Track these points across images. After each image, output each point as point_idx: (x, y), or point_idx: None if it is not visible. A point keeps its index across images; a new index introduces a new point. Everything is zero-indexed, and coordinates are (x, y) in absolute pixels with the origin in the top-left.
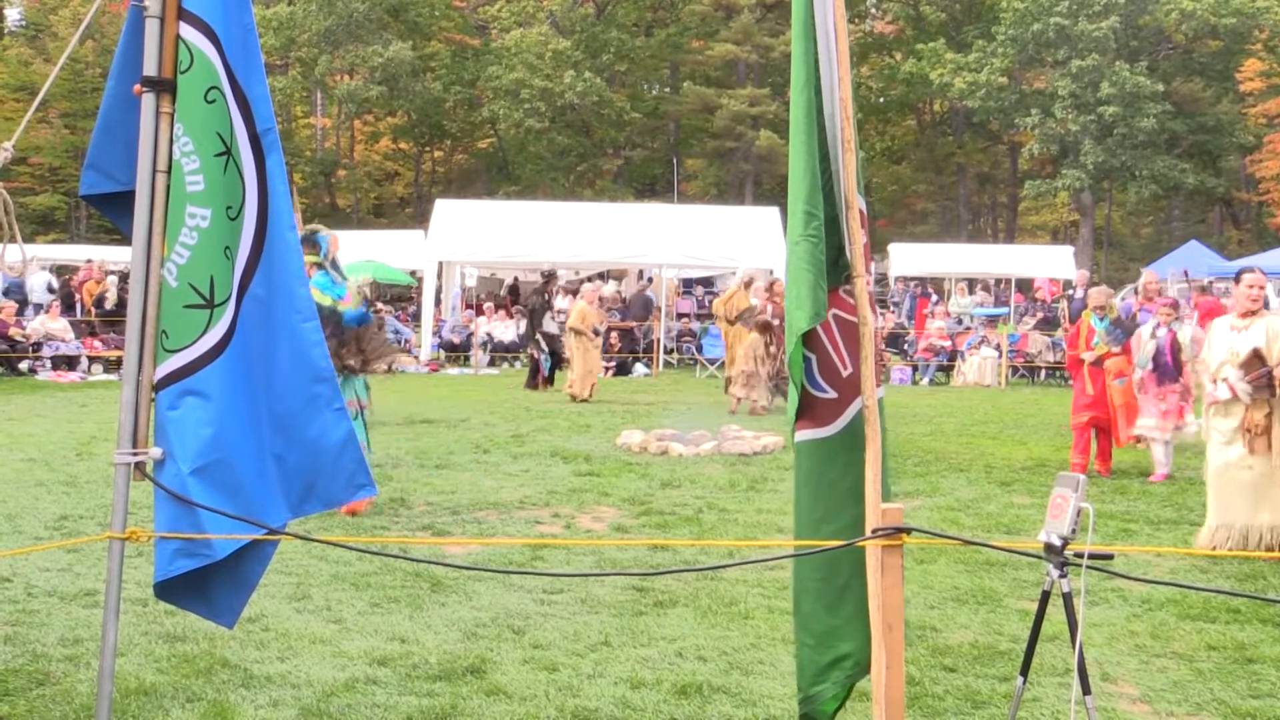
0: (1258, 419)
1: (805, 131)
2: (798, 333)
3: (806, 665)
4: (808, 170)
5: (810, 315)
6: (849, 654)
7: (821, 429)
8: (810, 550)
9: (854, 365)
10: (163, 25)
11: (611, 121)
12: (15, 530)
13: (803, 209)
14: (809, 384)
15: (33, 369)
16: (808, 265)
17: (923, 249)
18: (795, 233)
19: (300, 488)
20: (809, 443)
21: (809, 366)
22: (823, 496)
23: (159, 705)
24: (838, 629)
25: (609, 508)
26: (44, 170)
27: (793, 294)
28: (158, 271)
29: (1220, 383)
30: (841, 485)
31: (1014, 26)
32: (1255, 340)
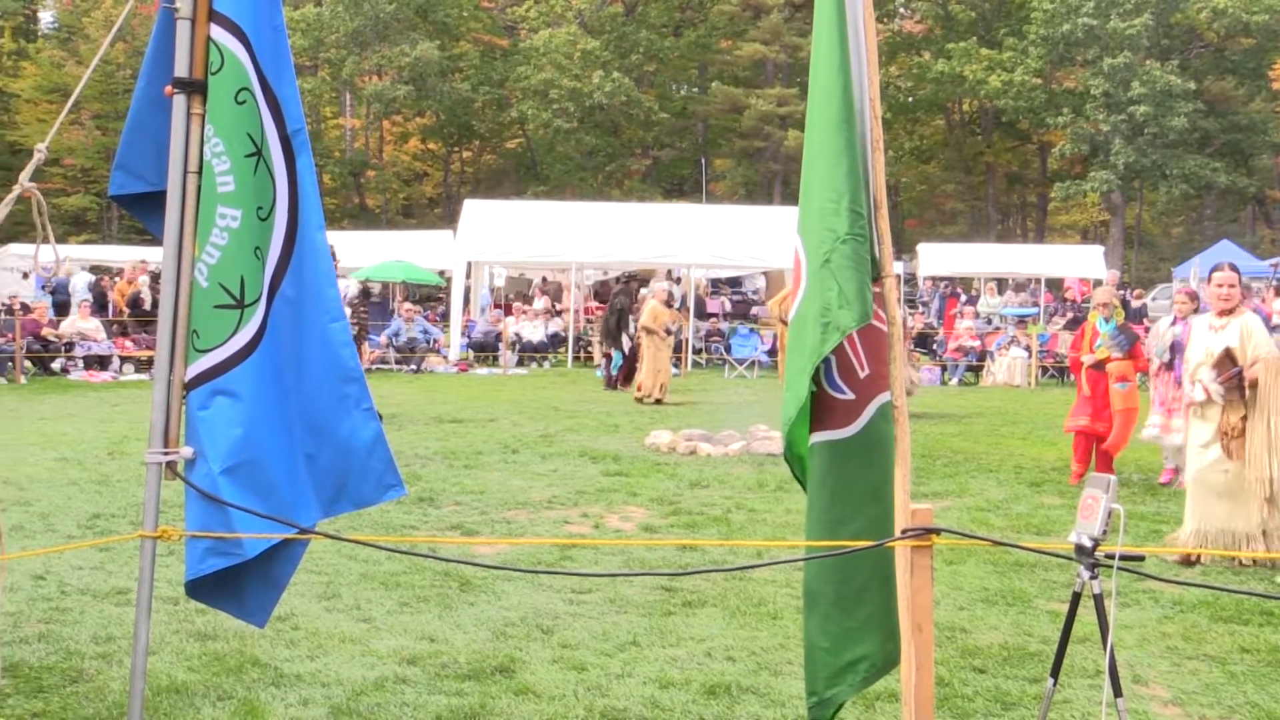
0: (1233, 421)
1: (846, 130)
2: (844, 333)
3: (821, 667)
4: (851, 170)
5: (858, 315)
6: (865, 656)
7: (839, 430)
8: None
9: (871, 367)
10: (194, 27)
11: (640, 121)
12: (49, 529)
13: (848, 207)
14: (828, 385)
15: (65, 369)
16: (855, 265)
17: (951, 249)
18: (839, 231)
19: (332, 487)
20: (826, 444)
21: (828, 367)
22: (840, 498)
23: (190, 703)
24: (855, 631)
25: (637, 508)
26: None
27: (835, 292)
28: (189, 272)
29: (1196, 384)
30: (859, 486)
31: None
32: (1229, 340)
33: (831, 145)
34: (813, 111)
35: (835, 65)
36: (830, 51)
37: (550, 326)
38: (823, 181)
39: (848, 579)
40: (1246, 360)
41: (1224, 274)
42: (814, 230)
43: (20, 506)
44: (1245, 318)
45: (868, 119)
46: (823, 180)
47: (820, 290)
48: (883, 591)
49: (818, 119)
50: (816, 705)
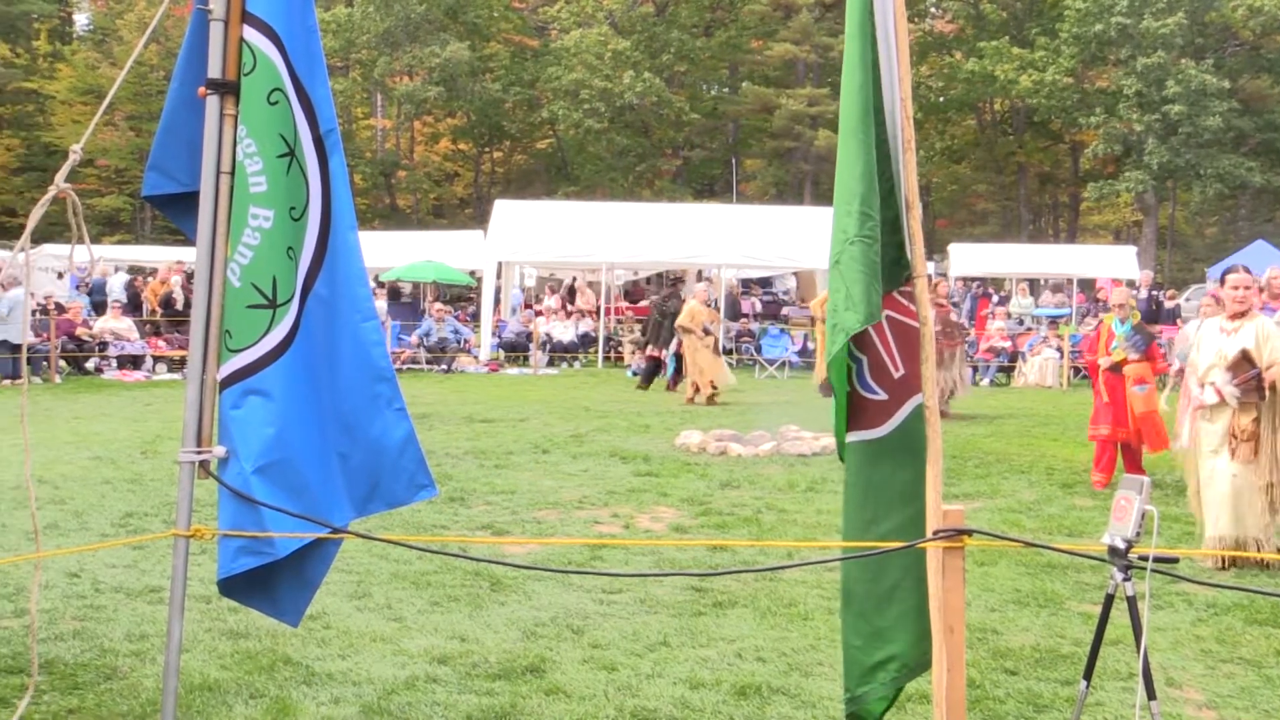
0: (1244, 424)
1: (862, 132)
2: (848, 334)
3: (853, 666)
4: (865, 171)
5: (863, 317)
6: (895, 656)
7: (872, 430)
8: (869, 552)
9: (907, 367)
10: (226, 28)
11: (670, 122)
12: (83, 527)
13: (858, 209)
14: (859, 385)
15: (99, 368)
16: (862, 266)
17: (983, 249)
18: (849, 232)
19: (364, 487)
20: (859, 444)
21: (859, 368)
22: (872, 498)
23: (222, 701)
24: (885, 630)
25: (668, 508)
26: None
27: (842, 294)
28: (222, 272)
29: (1207, 387)
30: (891, 486)
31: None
32: (1244, 342)
33: (848, 147)
34: (842, 111)
35: (855, 65)
36: (855, 52)
37: (580, 327)
38: (841, 184)
39: (879, 579)
40: (1263, 362)
41: (1239, 276)
42: (833, 232)
43: (55, 505)
44: (1259, 320)
45: (899, 119)
46: (841, 182)
47: (832, 292)
48: (915, 592)
49: (842, 121)
50: (849, 701)
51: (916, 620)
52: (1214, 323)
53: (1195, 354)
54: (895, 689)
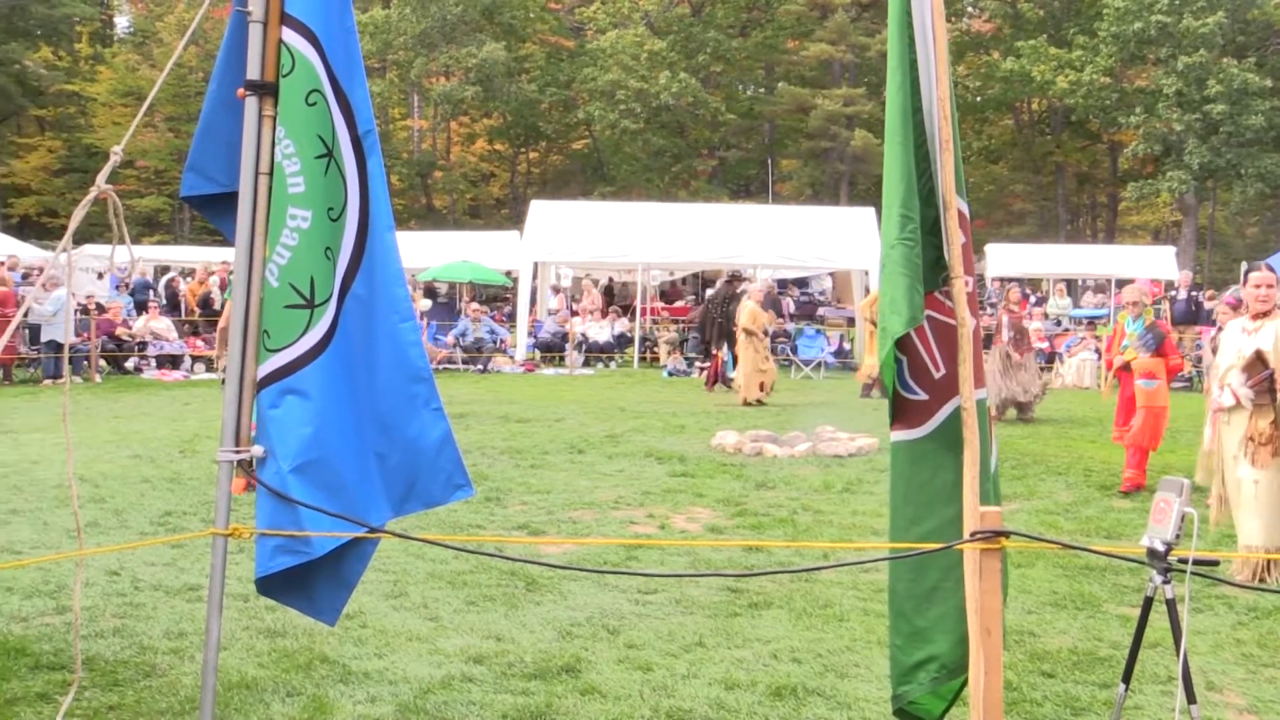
0: (1262, 427)
1: (901, 133)
2: (893, 337)
3: (894, 665)
4: (904, 173)
5: (906, 320)
6: (935, 656)
7: (913, 430)
8: (906, 553)
9: (947, 367)
10: (265, 29)
11: (706, 122)
12: (122, 525)
13: (898, 212)
14: (900, 386)
15: (138, 368)
16: (904, 269)
17: (1020, 249)
18: (890, 236)
19: (402, 486)
20: (900, 444)
21: (900, 368)
22: (913, 498)
23: (260, 699)
24: (925, 631)
25: (703, 508)
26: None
27: (887, 298)
28: (260, 272)
29: (1225, 389)
30: (932, 487)
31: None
32: (1263, 342)
33: (890, 149)
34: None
35: (895, 66)
36: (895, 53)
37: (616, 327)
38: (886, 187)
39: (919, 579)
40: (1276, 362)
41: (1261, 274)
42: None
43: (95, 503)
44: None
45: (936, 119)
46: (886, 185)
47: (880, 296)
48: (955, 594)
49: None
50: (893, 699)
51: (958, 621)
52: (1237, 323)
53: (1220, 354)
54: (939, 689)
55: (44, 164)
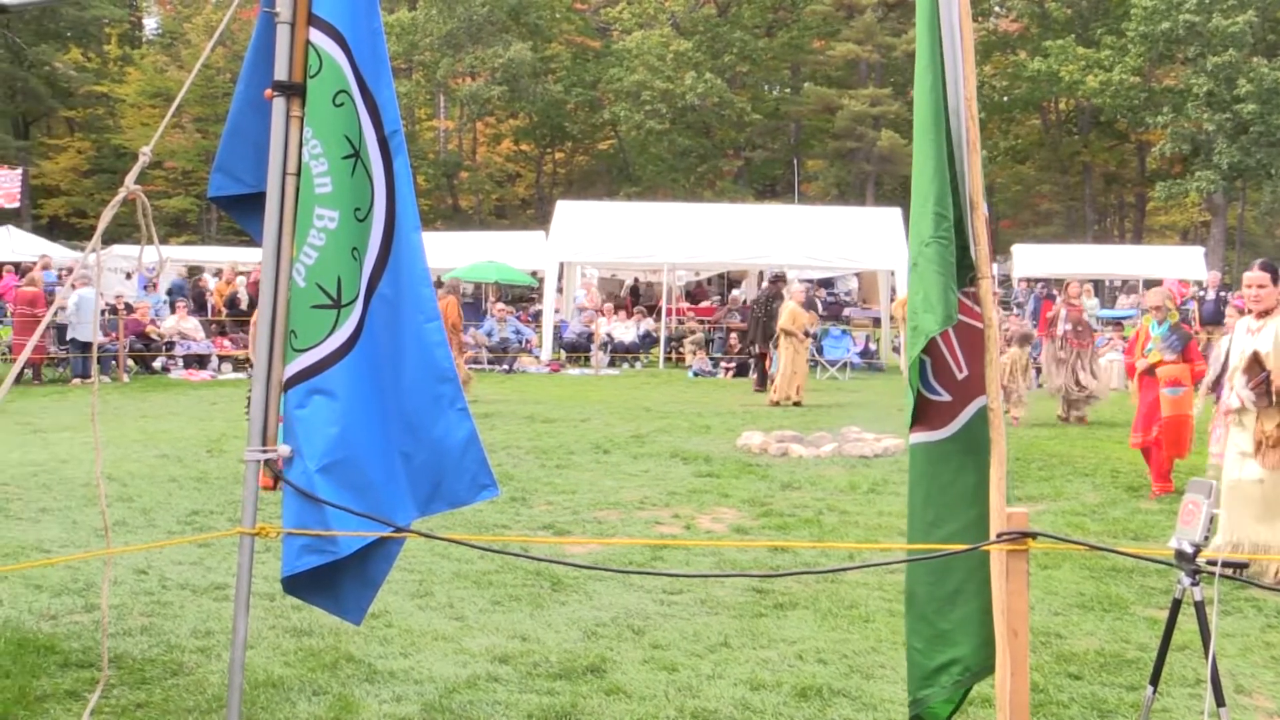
0: (1268, 430)
1: (933, 132)
2: (927, 336)
3: (914, 669)
4: (937, 171)
5: (942, 318)
6: (958, 659)
7: (935, 432)
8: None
9: (970, 368)
10: (293, 30)
11: (732, 123)
12: (150, 524)
13: (933, 210)
14: (923, 386)
15: (166, 367)
16: (938, 268)
17: (1047, 250)
18: (924, 234)
19: (427, 486)
20: (922, 446)
21: (923, 369)
22: (934, 500)
23: (286, 698)
24: (947, 633)
25: (729, 509)
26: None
27: (920, 296)
28: (287, 272)
29: (1232, 391)
30: (954, 489)
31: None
32: (1262, 343)
33: (922, 148)
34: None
35: (925, 65)
36: (925, 52)
37: (642, 327)
38: (916, 185)
39: (942, 582)
40: (1273, 364)
41: (1253, 274)
42: (910, 234)
43: (123, 502)
44: None
45: (963, 119)
46: (916, 183)
47: (911, 294)
48: (979, 596)
49: (916, 122)
50: (912, 704)
51: (980, 624)
52: (1244, 323)
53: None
54: (958, 692)
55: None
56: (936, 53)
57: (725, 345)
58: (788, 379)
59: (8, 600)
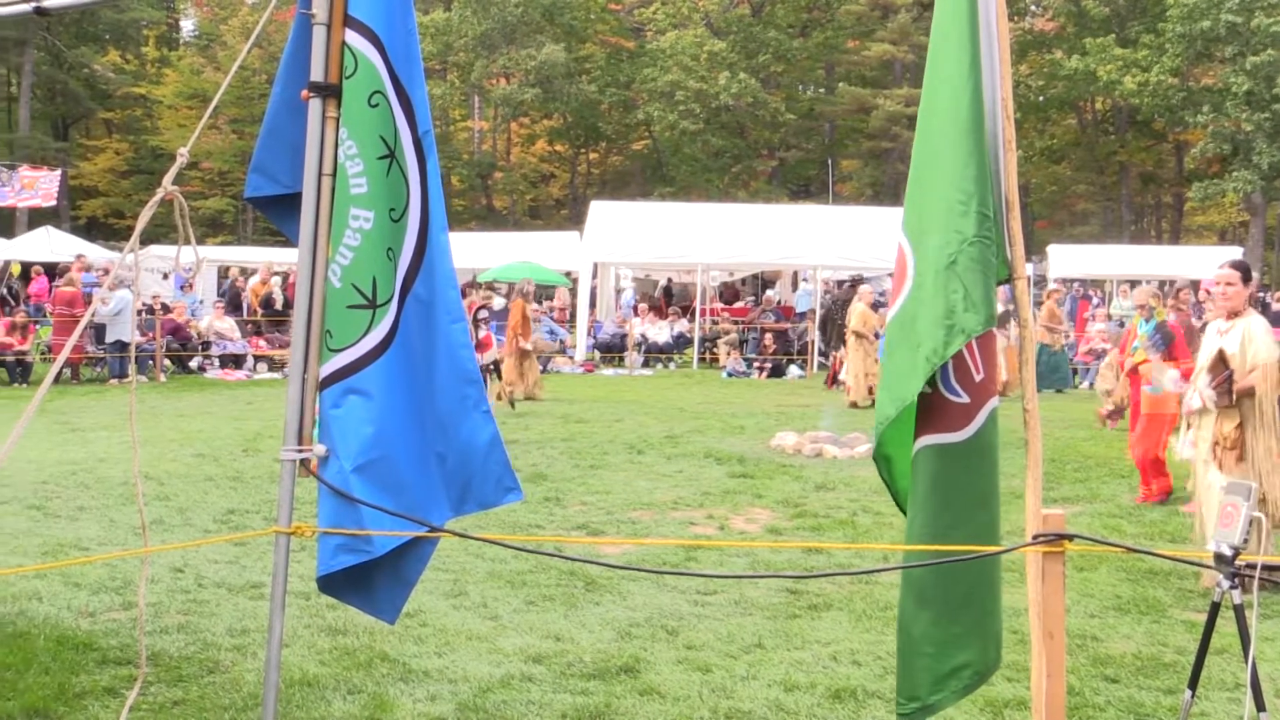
0: (1227, 431)
1: (976, 131)
2: (968, 336)
3: (924, 673)
4: (980, 172)
5: (984, 319)
6: (969, 662)
7: (952, 434)
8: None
9: (985, 370)
10: (329, 32)
11: (766, 123)
12: (186, 523)
13: (976, 209)
14: (943, 387)
15: (202, 367)
16: (981, 267)
17: (1083, 250)
18: (966, 233)
19: (459, 487)
20: (936, 447)
21: (945, 370)
22: (951, 503)
23: (321, 696)
24: (959, 637)
25: (763, 509)
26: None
27: (960, 295)
28: (323, 273)
29: (1194, 390)
30: (970, 491)
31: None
32: (1230, 342)
33: (962, 147)
34: (934, 111)
35: (966, 65)
36: (959, 51)
37: (676, 328)
38: (948, 182)
39: (954, 586)
40: (1244, 366)
41: (1223, 271)
42: (936, 231)
43: (160, 501)
44: (1250, 320)
45: (999, 119)
46: (949, 181)
47: (944, 292)
48: (986, 598)
49: (942, 119)
50: (918, 710)
51: (988, 626)
52: (1216, 324)
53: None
54: (965, 695)
55: (111, 166)
56: (978, 51)
57: (759, 346)
58: (861, 380)
59: (47, 597)
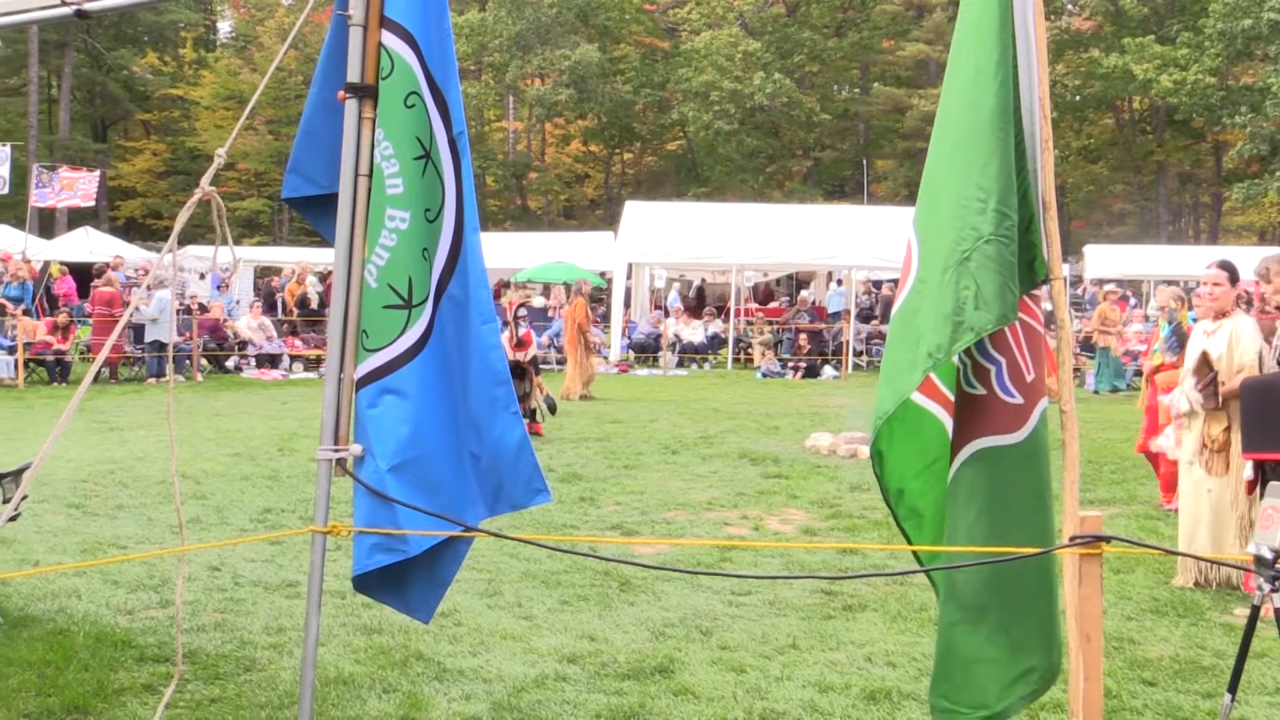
0: (1214, 434)
1: (1001, 130)
2: (978, 334)
3: (990, 680)
4: (1002, 170)
5: (996, 317)
6: (1035, 666)
7: (1007, 435)
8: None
9: (1035, 371)
10: (365, 33)
11: (801, 123)
12: (223, 522)
13: (995, 208)
14: (998, 389)
15: (238, 367)
16: (997, 266)
17: (1120, 250)
18: (982, 231)
19: (493, 487)
20: (993, 449)
21: (999, 370)
22: (1012, 504)
23: (356, 695)
24: (1023, 641)
25: (797, 510)
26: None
27: (971, 293)
28: (359, 273)
29: (1180, 393)
30: (1028, 493)
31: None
32: (1215, 344)
33: (982, 144)
34: (952, 109)
35: (992, 63)
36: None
37: (710, 328)
38: (965, 179)
39: (1017, 588)
40: (1231, 368)
41: (1209, 272)
42: (948, 227)
43: (197, 500)
44: (1236, 321)
45: (1036, 118)
46: (965, 178)
47: (954, 288)
48: (1048, 601)
49: (962, 116)
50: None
51: (1050, 629)
52: (1203, 326)
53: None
54: (1033, 700)
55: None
56: (1009, 50)
57: (794, 346)
58: None
59: (86, 595)
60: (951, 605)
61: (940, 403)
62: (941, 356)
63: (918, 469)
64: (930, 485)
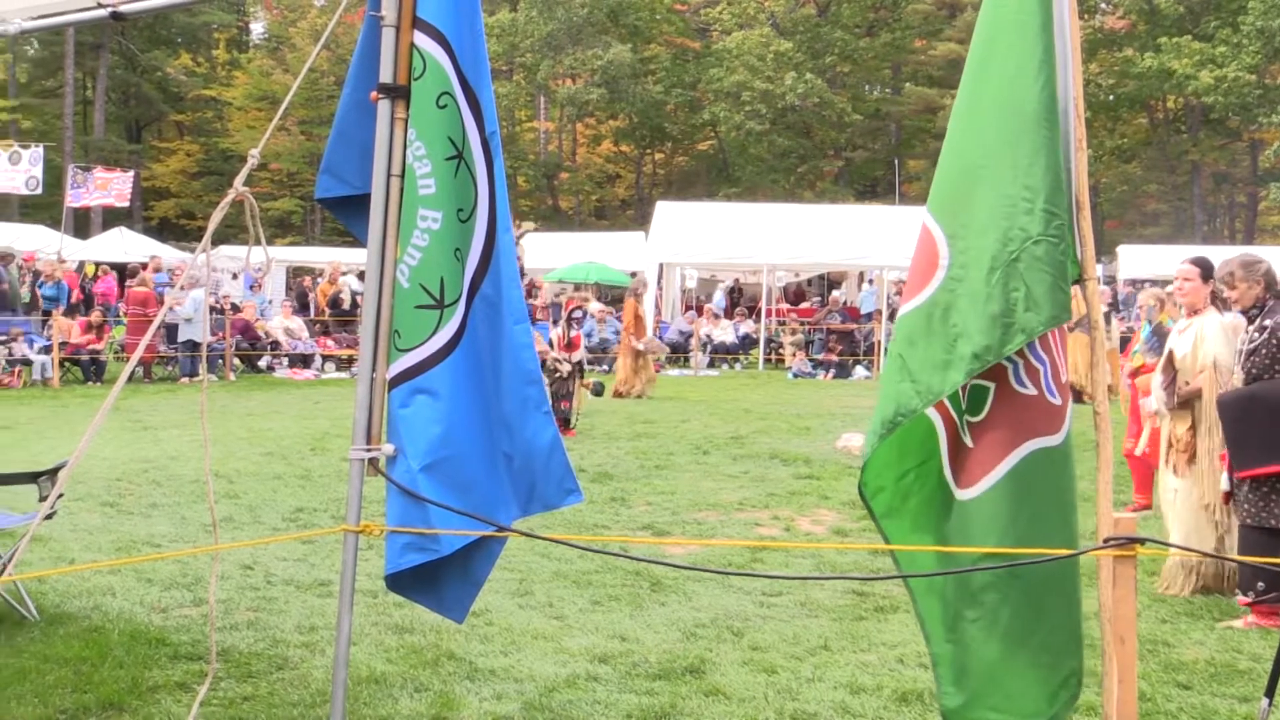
0: (1179, 434)
1: (1047, 128)
2: (1029, 336)
3: (1042, 685)
4: (1049, 169)
5: (1047, 319)
6: (1075, 669)
7: (1053, 437)
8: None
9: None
10: (398, 34)
11: (832, 123)
12: (255, 521)
13: (1043, 207)
14: (1046, 390)
15: (270, 366)
16: (1047, 266)
17: (1154, 250)
18: (1030, 231)
19: (526, 487)
20: (1043, 451)
21: (1046, 371)
22: (1056, 506)
23: (388, 694)
24: (1066, 644)
25: (829, 511)
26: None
27: (1021, 294)
28: (392, 273)
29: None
30: (1065, 494)
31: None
32: (1182, 343)
33: (1025, 143)
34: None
35: (1036, 60)
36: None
37: (741, 328)
38: (1009, 178)
39: (1071, 590)
40: (1194, 367)
41: (1182, 268)
42: (993, 227)
43: (229, 499)
44: (1205, 319)
45: (1071, 118)
46: (1012, 177)
47: (1004, 290)
48: (1079, 603)
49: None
50: None
51: (1080, 630)
52: (1180, 324)
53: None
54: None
55: (183, 167)
56: (1051, 48)
57: (825, 346)
58: None
59: (121, 593)
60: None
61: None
62: (991, 359)
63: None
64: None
